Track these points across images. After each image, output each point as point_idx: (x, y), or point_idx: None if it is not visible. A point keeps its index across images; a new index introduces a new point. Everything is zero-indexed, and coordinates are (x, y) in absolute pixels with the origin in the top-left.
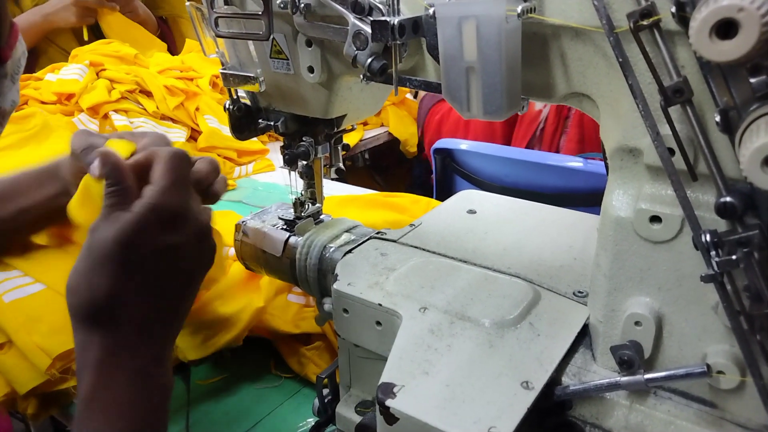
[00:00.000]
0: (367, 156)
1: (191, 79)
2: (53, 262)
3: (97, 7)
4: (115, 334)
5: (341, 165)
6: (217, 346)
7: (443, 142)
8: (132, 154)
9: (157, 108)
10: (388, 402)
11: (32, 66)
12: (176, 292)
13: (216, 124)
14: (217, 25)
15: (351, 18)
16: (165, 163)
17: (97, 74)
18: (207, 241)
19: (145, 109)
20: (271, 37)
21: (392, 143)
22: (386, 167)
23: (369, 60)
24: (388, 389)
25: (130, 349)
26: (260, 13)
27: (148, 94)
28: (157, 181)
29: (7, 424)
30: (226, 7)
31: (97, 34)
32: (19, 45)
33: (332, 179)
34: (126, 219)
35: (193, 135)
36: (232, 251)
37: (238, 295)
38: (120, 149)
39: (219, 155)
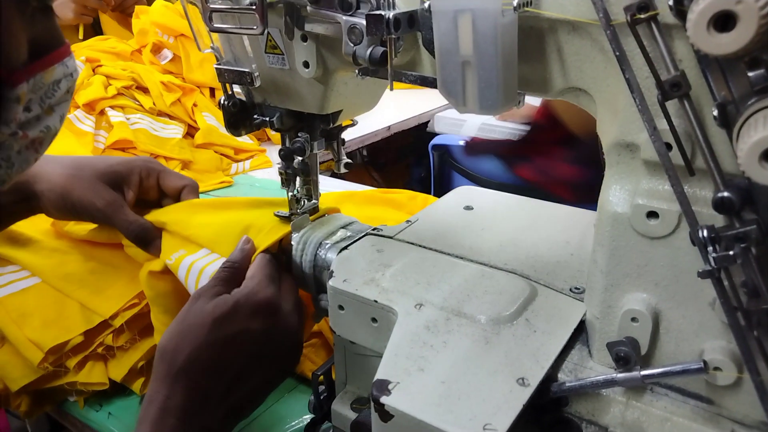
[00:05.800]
0: (365, 152)
1: (192, 90)
2: (48, 255)
3: (96, 7)
4: (177, 396)
5: (347, 159)
6: None
7: (441, 139)
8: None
9: (154, 104)
10: (383, 399)
11: None
12: (245, 378)
13: (213, 122)
14: (211, 19)
15: (342, 18)
16: (258, 263)
17: (93, 70)
18: (290, 337)
19: (141, 106)
20: (266, 31)
21: (390, 139)
22: (384, 164)
23: (369, 51)
24: (383, 386)
25: (181, 414)
26: (254, 7)
27: (145, 90)
28: (254, 276)
29: (4, 421)
30: (220, 1)
31: (97, 30)
32: (59, 68)
33: (330, 176)
34: (226, 301)
35: (190, 132)
36: None
37: None
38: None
39: (216, 152)
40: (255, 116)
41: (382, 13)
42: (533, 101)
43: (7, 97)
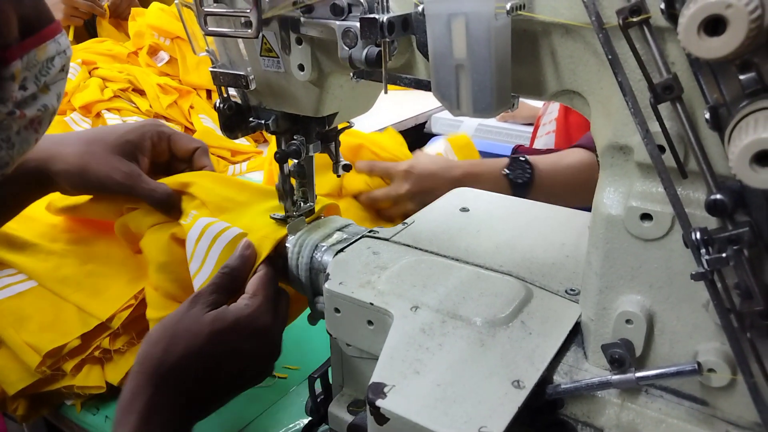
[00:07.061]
0: None
1: (189, 92)
2: (45, 258)
3: (87, 9)
4: (163, 396)
5: (344, 161)
6: None
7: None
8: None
9: (150, 106)
10: (379, 402)
11: None
12: (226, 387)
13: (210, 124)
14: (206, 23)
15: (336, 24)
16: (261, 279)
17: (89, 73)
18: (272, 359)
19: (138, 108)
20: (261, 35)
21: None
22: None
23: (364, 52)
24: (379, 389)
25: (168, 413)
26: (249, 10)
27: (141, 92)
28: (255, 295)
29: (1, 425)
30: (215, 4)
31: (92, 33)
32: (52, 45)
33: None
34: (226, 317)
35: (187, 133)
36: None
37: None
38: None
39: (213, 154)
40: (251, 119)
41: (376, 16)
42: (534, 103)
43: (2, 75)
